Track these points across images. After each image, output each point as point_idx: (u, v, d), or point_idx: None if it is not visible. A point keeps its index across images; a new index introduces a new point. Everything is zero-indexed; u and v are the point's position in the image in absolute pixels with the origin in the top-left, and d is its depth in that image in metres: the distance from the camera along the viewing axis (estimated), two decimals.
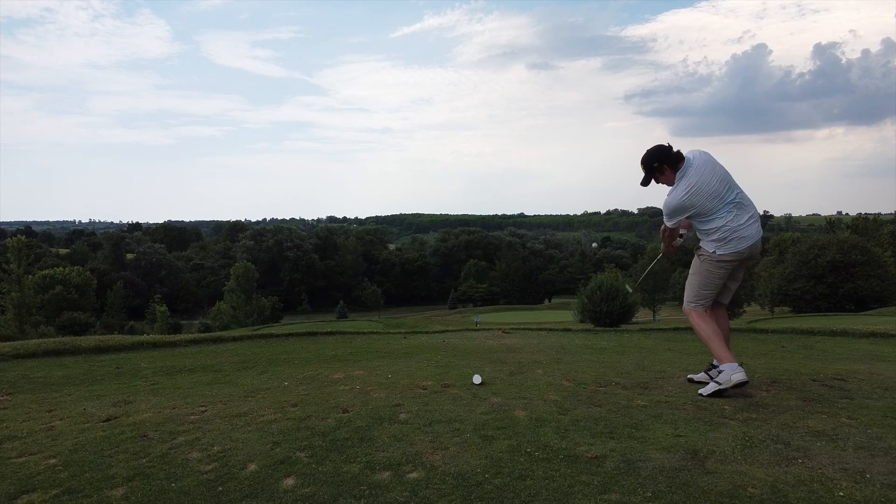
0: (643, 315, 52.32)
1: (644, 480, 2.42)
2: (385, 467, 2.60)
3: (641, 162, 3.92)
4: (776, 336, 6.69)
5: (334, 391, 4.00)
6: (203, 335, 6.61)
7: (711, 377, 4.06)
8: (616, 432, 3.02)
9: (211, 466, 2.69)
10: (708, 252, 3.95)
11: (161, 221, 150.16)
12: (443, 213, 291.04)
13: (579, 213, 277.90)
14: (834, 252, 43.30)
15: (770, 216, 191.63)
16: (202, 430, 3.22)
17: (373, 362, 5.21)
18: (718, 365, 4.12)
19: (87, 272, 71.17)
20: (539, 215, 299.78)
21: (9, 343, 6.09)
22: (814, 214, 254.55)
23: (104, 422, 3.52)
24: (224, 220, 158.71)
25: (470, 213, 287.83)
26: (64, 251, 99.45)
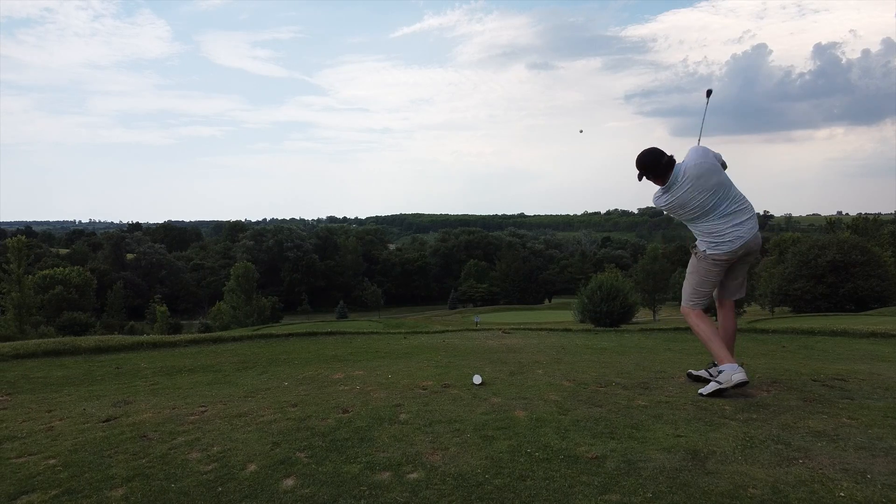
0: (643, 315, 52.35)
1: (644, 481, 2.41)
2: (385, 468, 2.60)
3: (635, 163, 3.94)
4: (777, 336, 6.69)
5: (334, 391, 4.00)
6: (203, 335, 6.60)
7: (711, 375, 4.06)
8: (616, 433, 3.01)
9: (211, 467, 2.68)
10: (701, 250, 3.97)
11: (161, 221, 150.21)
12: (443, 213, 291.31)
13: (579, 213, 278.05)
14: (834, 252, 43.28)
15: (770, 216, 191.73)
16: (202, 431, 3.21)
17: (373, 362, 5.21)
18: (719, 364, 4.12)
19: (88, 272, 71.14)
20: (539, 215, 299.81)
21: (9, 343, 6.08)
22: (814, 214, 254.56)
23: (104, 422, 3.52)
24: (224, 220, 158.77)
25: (470, 214, 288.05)
26: (64, 251, 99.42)
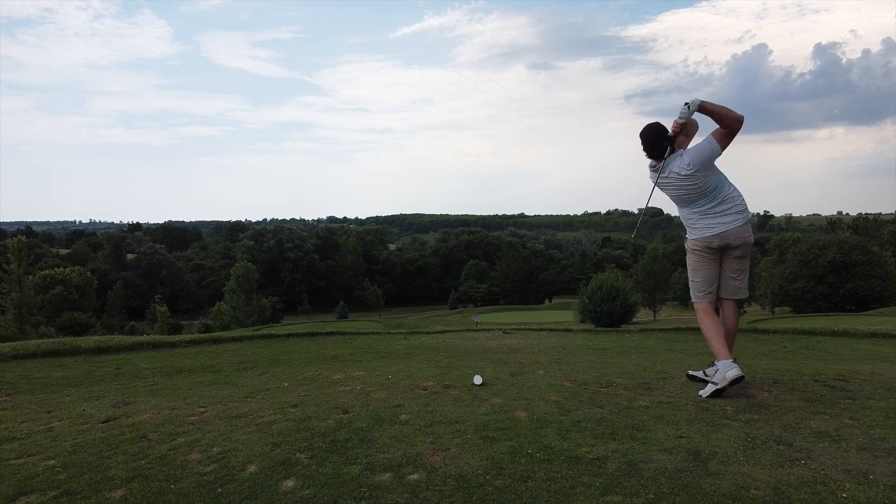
0: (643, 315, 52.33)
1: (646, 482, 2.40)
2: (386, 469, 2.59)
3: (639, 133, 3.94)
4: (778, 336, 6.68)
5: (334, 392, 3.99)
6: (203, 336, 6.59)
7: (707, 376, 4.04)
8: (618, 433, 3.00)
9: (210, 468, 2.67)
10: (685, 238, 4.00)
11: (161, 222, 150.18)
12: (443, 213, 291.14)
13: (580, 214, 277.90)
14: (834, 252, 43.28)
15: (770, 216, 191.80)
16: (202, 431, 3.20)
17: (373, 363, 5.20)
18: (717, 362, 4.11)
19: (88, 272, 71.15)
20: (539, 215, 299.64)
21: (8, 343, 6.07)
22: (814, 214, 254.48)
23: (103, 423, 3.51)
24: (224, 220, 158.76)
25: (470, 214, 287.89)
26: (64, 251, 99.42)
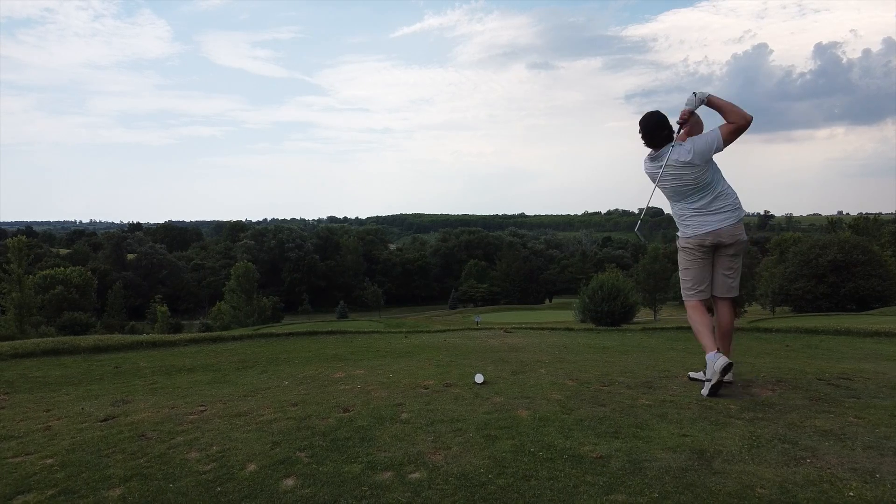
0: (644, 315, 52.27)
1: (650, 481, 2.37)
2: (387, 467, 2.56)
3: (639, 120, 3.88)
4: (780, 335, 6.64)
5: (335, 391, 3.96)
6: (203, 335, 6.55)
7: (703, 375, 4.04)
8: (621, 432, 2.97)
9: (210, 466, 2.64)
10: (676, 235, 3.95)
11: (162, 222, 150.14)
12: (443, 213, 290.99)
13: (580, 213, 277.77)
14: (835, 252, 43.22)
15: (770, 216, 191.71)
16: (201, 430, 3.18)
17: (374, 362, 5.17)
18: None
19: (88, 272, 71.14)
20: (539, 215, 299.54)
21: (7, 342, 6.05)
22: (814, 214, 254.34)
23: (102, 421, 3.49)
24: (224, 220, 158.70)
25: (470, 213, 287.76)
26: (65, 251, 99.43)
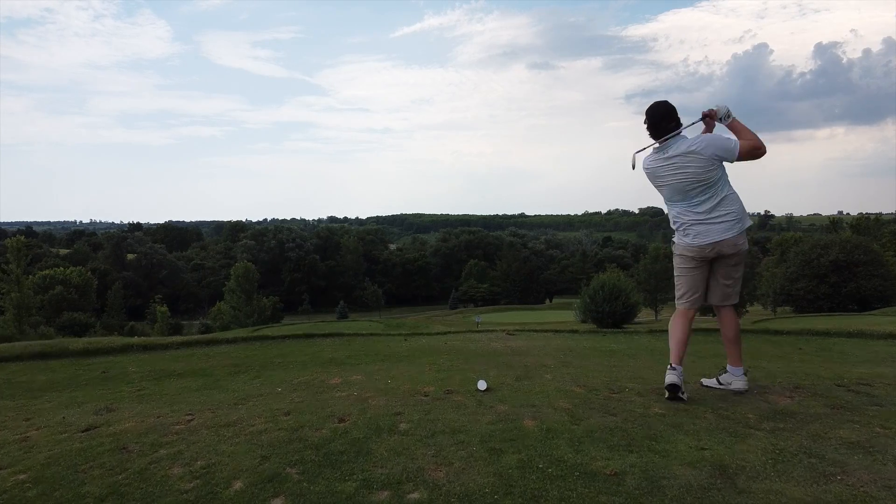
0: (645, 315, 52.00)
1: (670, 501, 2.18)
2: (384, 486, 2.36)
3: (646, 110, 3.66)
4: (792, 338, 6.44)
5: (330, 398, 3.76)
6: (195, 337, 6.34)
7: (721, 384, 3.87)
8: (634, 444, 2.78)
9: (192, 484, 2.45)
10: (673, 240, 3.76)
11: (162, 222, 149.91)
12: (443, 213, 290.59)
13: (580, 213, 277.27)
14: (837, 252, 42.97)
15: (771, 216, 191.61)
16: (186, 442, 2.98)
17: (372, 366, 4.96)
18: (730, 368, 3.89)
19: (88, 272, 70.94)
20: (540, 215, 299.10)
21: None
22: (815, 214, 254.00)
23: (83, 432, 3.29)
24: (225, 220, 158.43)
25: (471, 213, 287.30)
26: (64, 251, 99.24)
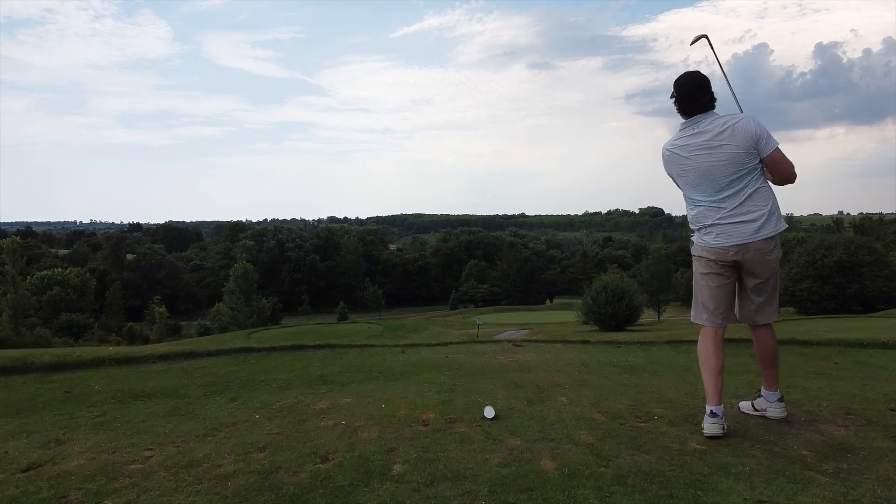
0: (647, 316, 51.46)
1: None
2: None
3: (677, 80, 3.11)
4: (823, 349, 5.92)
5: (314, 428, 3.25)
6: (174, 349, 5.83)
7: (756, 409, 3.35)
8: (678, 495, 2.29)
9: None
10: (691, 239, 3.22)
11: (162, 222, 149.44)
12: (444, 213, 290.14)
13: (580, 213, 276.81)
14: (841, 252, 42.48)
15: None
16: (137, 490, 2.48)
17: (365, 385, 4.45)
18: (764, 392, 3.33)
19: (86, 273, 70.46)
20: (540, 215, 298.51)
21: None
22: (815, 214, 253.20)
23: (22, 472, 2.79)
24: (225, 220, 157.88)
25: (471, 214, 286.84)
26: (63, 252, 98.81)
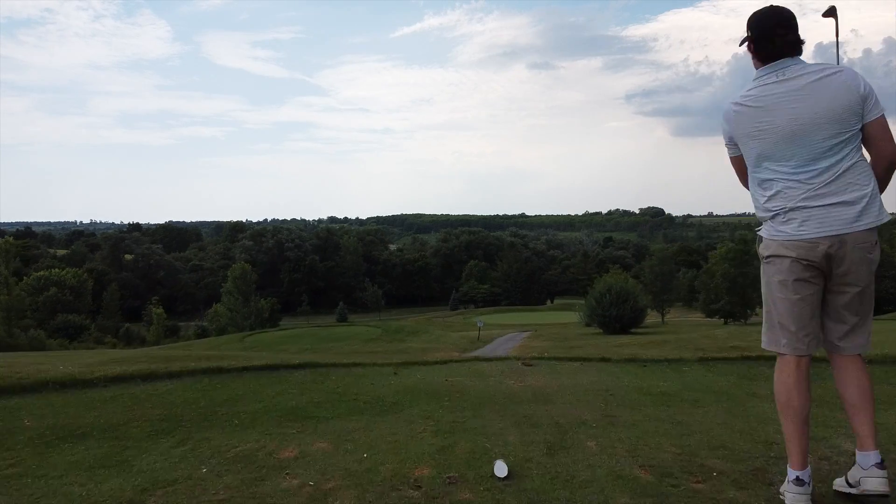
0: (650, 318, 50.60)
1: None
2: None
3: (754, 14, 2.40)
4: (877, 368, 5.15)
5: (273, 491, 2.50)
6: (130, 370, 5.02)
7: (851, 485, 2.28)
8: None
9: None
10: (758, 235, 2.38)
11: (162, 222, 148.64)
12: (444, 213, 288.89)
13: (581, 213, 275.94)
14: None
15: None
16: None
17: (345, 423, 3.66)
18: (858, 455, 2.25)
19: (83, 273, 69.75)
20: (540, 215, 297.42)
21: None
22: None
23: None
24: (225, 220, 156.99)
25: (471, 214, 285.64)
26: (62, 252, 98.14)
